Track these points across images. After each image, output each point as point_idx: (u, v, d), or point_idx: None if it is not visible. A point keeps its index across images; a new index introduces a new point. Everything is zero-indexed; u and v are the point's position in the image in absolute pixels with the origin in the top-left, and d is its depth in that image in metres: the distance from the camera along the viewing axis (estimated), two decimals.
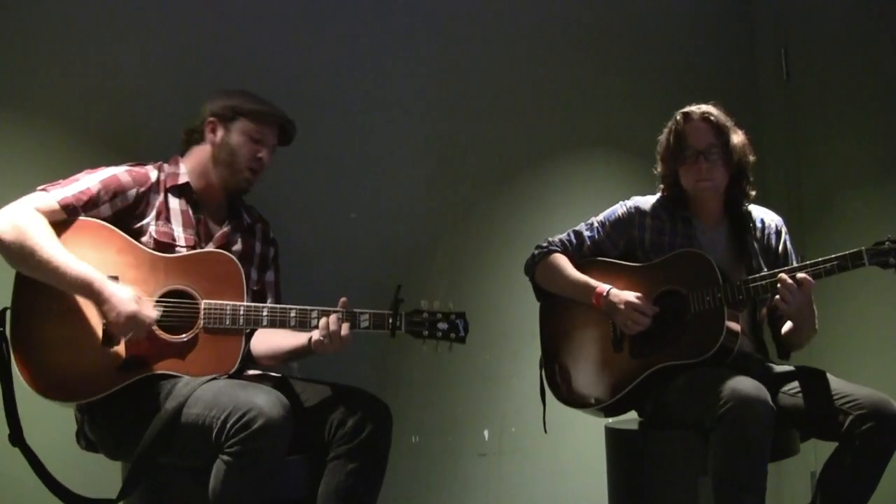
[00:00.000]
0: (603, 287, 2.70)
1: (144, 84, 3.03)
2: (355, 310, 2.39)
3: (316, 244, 3.22)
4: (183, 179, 2.49)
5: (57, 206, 2.26)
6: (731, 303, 2.57)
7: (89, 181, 2.33)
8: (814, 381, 2.61)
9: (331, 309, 2.38)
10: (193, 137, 2.55)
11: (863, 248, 2.44)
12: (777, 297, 2.52)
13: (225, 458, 2.10)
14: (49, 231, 2.21)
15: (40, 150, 2.88)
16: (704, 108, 2.71)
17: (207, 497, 2.13)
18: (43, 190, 2.29)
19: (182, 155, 2.56)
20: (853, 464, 2.47)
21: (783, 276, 2.50)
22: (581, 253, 2.82)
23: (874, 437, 2.44)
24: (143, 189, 2.41)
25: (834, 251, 2.40)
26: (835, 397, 2.52)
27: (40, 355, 2.21)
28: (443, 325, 2.44)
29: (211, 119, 2.52)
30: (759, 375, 2.53)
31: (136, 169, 2.44)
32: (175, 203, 2.46)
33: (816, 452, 2.77)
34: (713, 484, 2.40)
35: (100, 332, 2.25)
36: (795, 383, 2.62)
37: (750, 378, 2.45)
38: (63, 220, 2.27)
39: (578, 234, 2.84)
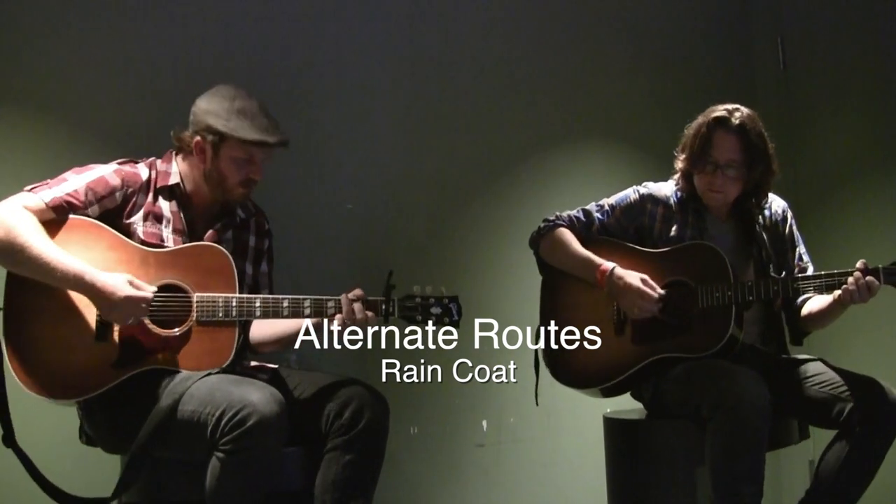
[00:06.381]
0: (607, 265, 2.64)
1: (144, 82, 3.02)
2: (349, 296, 2.36)
3: (312, 236, 3.22)
4: (173, 180, 2.43)
5: (45, 206, 2.24)
6: (740, 303, 2.54)
7: (77, 182, 2.30)
8: (813, 369, 2.61)
9: (323, 297, 2.36)
10: (184, 147, 2.45)
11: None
12: (850, 290, 2.43)
13: (220, 455, 2.10)
14: (39, 227, 2.20)
15: (39, 147, 2.88)
16: (741, 118, 2.59)
17: (204, 493, 2.13)
18: (30, 191, 2.26)
19: (176, 153, 2.49)
20: (852, 451, 2.47)
21: (857, 274, 2.43)
22: (589, 233, 2.76)
23: (873, 425, 2.45)
24: (131, 189, 2.37)
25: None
26: (834, 385, 2.53)
27: (33, 355, 2.21)
28: (436, 310, 2.42)
29: (198, 139, 2.40)
30: (758, 365, 2.54)
31: (126, 168, 2.40)
32: (164, 204, 2.41)
33: (814, 441, 2.77)
34: (711, 474, 2.40)
35: (93, 329, 2.24)
36: (795, 372, 2.62)
37: (748, 368, 2.45)
38: (51, 219, 2.25)
39: (588, 213, 2.78)
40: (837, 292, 2.47)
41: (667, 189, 2.78)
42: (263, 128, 2.40)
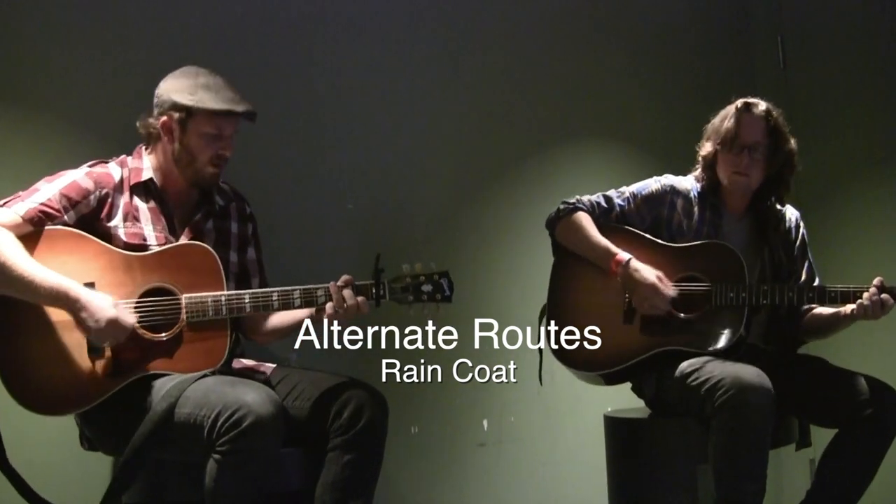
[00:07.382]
0: (623, 255, 2.65)
1: (143, 82, 3.00)
2: (337, 283, 2.35)
3: (313, 237, 3.21)
4: (146, 176, 2.40)
5: (20, 220, 2.21)
6: (754, 305, 2.57)
7: (49, 191, 2.27)
8: (814, 368, 2.62)
9: (313, 287, 2.34)
10: (151, 134, 2.43)
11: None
12: (865, 305, 2.49)
13: (216, 456, 2.09)
14: (17, 245, 2.17)
15: (41, 147, 2.87)
16: (767, 106, 2.69)
17: (203, 493, 2.13)
18: (3, 205, 2.23)
19: (146, 146, 2.46)
20: (852, 451, 2.49)
21: (873, 290, 2.49)
22: (608, 219, 2.76)
23: (874, 424, 2.46)
24: (105, 191, 2.34)
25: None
26: (835, 385, 2.53)
27: (28, 372, 2.19)
28: (427, 287, 2.40)
29: (164, 119, 2.38)
30: (760, 364, 2.54)
31: (97, 170, 2.37)
32: (141, 201, 2.39)
33: (815, 440, 2.78)
34: (713, 471, 2.41)
35: (85, 342, 2.22)
36: (796, 372, 2.62)
37: (751, 366, 2.45)
38: (29, 232, 2.22)
39: (609, 199, 2.78)
40: (851, 306, 2.52)
41: (687, 182, 2.79)
42: (229, 99, 2.38)
